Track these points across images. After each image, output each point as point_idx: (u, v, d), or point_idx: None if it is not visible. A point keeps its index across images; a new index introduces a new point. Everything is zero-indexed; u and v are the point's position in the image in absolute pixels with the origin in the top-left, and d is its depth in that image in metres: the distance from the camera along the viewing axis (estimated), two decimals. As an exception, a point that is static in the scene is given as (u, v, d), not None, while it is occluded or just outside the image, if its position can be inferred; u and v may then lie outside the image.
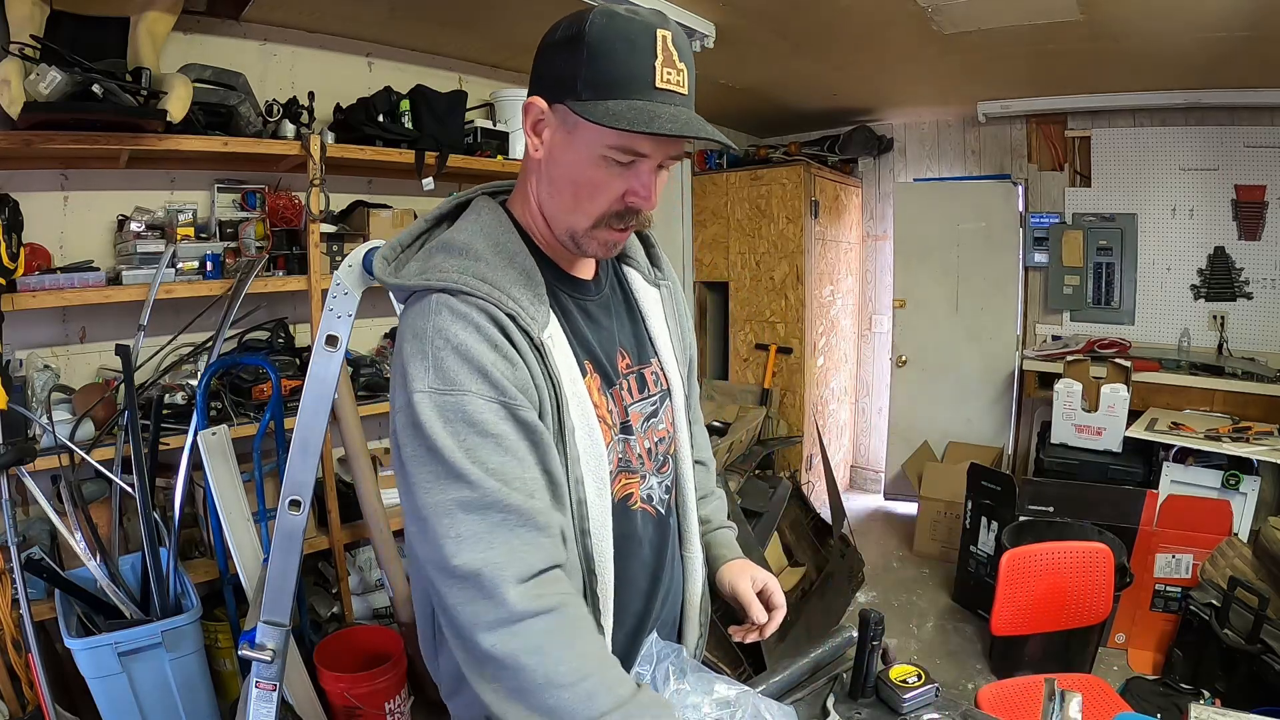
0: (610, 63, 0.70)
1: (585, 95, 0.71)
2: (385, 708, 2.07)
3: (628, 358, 0.90)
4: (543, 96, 0.76)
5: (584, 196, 0.77)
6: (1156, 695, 2.43)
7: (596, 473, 0.80)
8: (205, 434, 1.95)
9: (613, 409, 0.85)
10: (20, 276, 1.75)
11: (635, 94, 0.70)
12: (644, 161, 0.75)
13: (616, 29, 0.71)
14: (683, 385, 0.99)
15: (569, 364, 0.79)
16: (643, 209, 0.78)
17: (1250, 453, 2.64)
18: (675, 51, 0.73)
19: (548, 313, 0.78)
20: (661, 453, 0.94)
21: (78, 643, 1.64)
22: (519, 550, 0.69)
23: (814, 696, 1.07)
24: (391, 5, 2.33)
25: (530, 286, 0.78)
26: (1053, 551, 1.95)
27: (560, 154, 0.77)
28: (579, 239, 0.80)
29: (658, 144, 0.74)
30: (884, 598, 3.31)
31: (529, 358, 0.75)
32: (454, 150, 2.48)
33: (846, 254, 4.41)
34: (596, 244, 0.80)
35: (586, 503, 0.79)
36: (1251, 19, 2.33)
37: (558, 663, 0.67)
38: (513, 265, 0.79)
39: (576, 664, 0.68)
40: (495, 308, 0.74)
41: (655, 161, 0.76)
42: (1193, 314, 3.51)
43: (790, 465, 3.92)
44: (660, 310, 0.98)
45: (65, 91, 1.63)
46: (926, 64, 3.08)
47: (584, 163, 0.75)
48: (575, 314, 0.85)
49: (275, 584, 1.41)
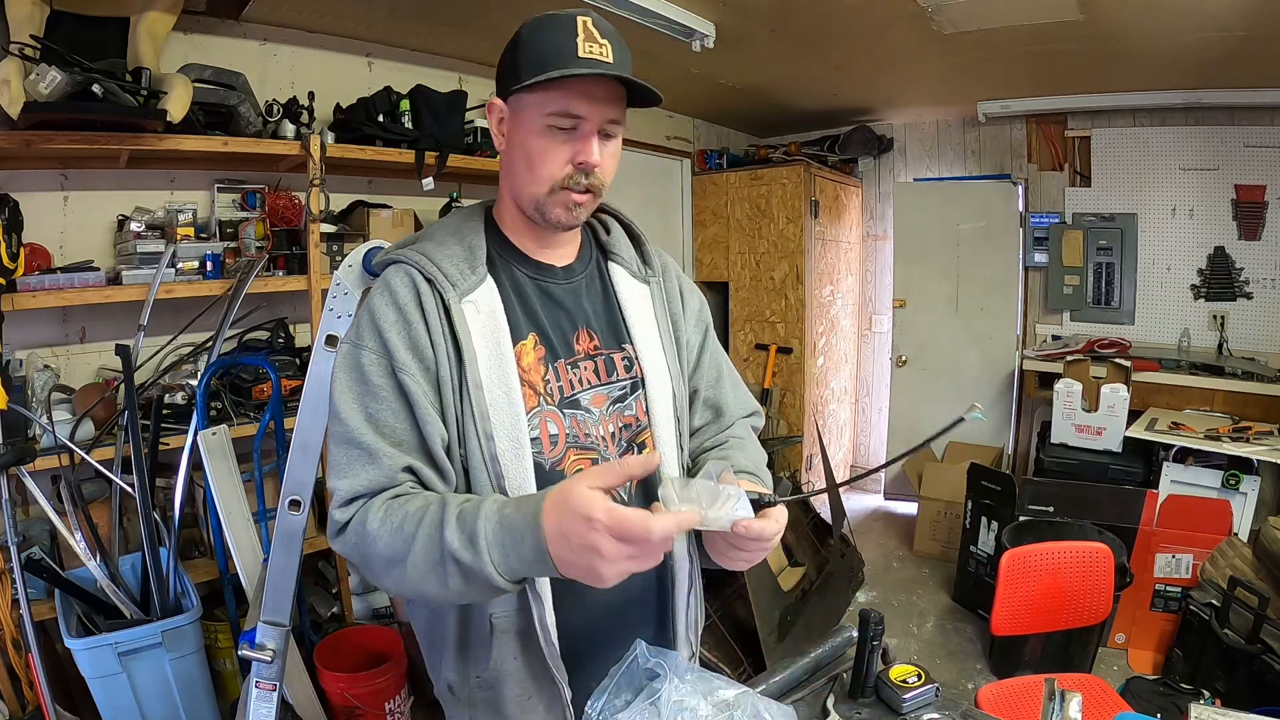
0: (539, 46, 0.82)
1: (524, 78, 0.82)
2: (385, 708, 2.07)
3: (595, 339, 0.95)
4: (499, 96, 0.89)
5: (536, 164, 0.86)
6: (1156, 695, 2.43)
7: (511, 432, 0.84)
8: (205, 434, 1.95)
9: (551, 379, 0.90)
10: (20, 276, 1.75)
11: (561, 65, 0.80)
12: (583, 124, 0.84)
13: (543, 22, 0.83)
14: (674, 379, 0.99)
15: (495, 326, 0.87)
16: (589, 168, 0.85)
17: (1250, 453, 2.64)
18: (596, 31, 0.82)
19: (480, 280, 0.88)
20: (627, 439, 0.95)
21: (78, 643, 1.64)
22: (362, 478, 0.81)
23: (814, 696, 1.07)
24: (391, 5, 2.33)
25: (467, 257, 0.89)
26: (1053, 551, 1.95)
27: (513, 135, 0.88)
28: (543, 207, 0.88)
29: (591, 105, 0.83)
30: (884, 598, 3.31)
31: (432, 319, 0.85)
32: (454, 150, 2.48)
33: (846, 254, 4.41)
34: (560, 208, 0.88)
35: (499, 459, 0.84)
36: (1251, 19, 2.33)
37: (382, 541, 0.77)
38: (460, 243, 0.90)
39: (389, 523, 0.77)
40: (419, 273, 0.86)
41: (594, 124, 0.84)
42: (1193, 314, 3.51)
43: (790, 465, 3.93)
44: (648, 305, 1.01)
45: (65, 91, 1.63)
46: (926, 64, 3.08)
47: (532, 134, 0.85)
48: (529, 291, 0.93)
49: (275, 584, 1.41)
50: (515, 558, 0.72)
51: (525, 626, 0.86)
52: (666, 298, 1.04)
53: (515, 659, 0.88)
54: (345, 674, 2.03)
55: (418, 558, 0.75)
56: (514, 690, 0.88)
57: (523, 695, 0.89)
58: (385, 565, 0.78)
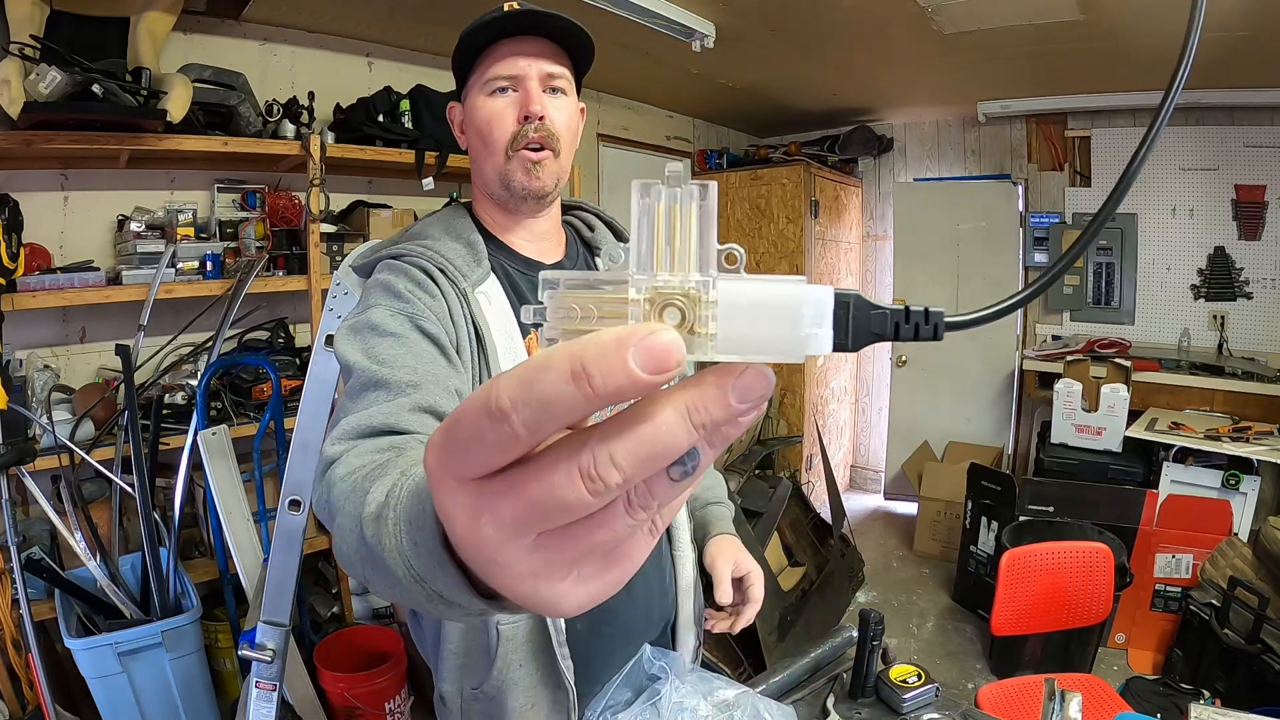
0: (468, 34, 0.85)
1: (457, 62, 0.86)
2: (385, 708, 2.07)
3: None
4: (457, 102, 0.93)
5: (488, 132, 0.86)
6: (1156, 695, 2.43)
7: None
8: (205, 434, 1.95)
9: None
10: (20, 276, 1.75)
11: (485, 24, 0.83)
12: (522, 81, 0.85)
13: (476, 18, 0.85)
14: None
15: (505, 319, 0.85)
16: (534, 117, 0.85)
17: (1250, 453, 2.64)
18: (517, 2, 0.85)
19: (486, 274, 0.87)
20: None
21: (78, 643, 1.64)
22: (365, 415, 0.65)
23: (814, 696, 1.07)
24: (391, 5, 2.33)
25: (470, 252, 0.87)
26: (1053, 551, 1.95)
27: (469, 121, 0.89)
28: (506, 177, 0.88)
29: (527, 61, 0.84)
30: (884, 598, 3.31)
31: (451, 298, 0.81)
32: (454, 150, 2.47)
33: (846, 254, 4.41)
34: (520, 172, 0.87)
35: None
36: (1251, 19, 2.33)
37: (340, 469, 0.58)
38: (458, 239, 0.88)
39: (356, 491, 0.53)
40: (427, 263, 0.83)
41: (533, 79, 0.85)
42: (1193, 314, 3.51)
43: (790, 465, 3.92)
44: None
45: (65, 91, 1.63)
46: (926, 64, 3.08)
47: (480, 107, 0.86)
48: (524, 286, 0.92)
49: (275, 584, 1.41)
50: (422, 544, 0.38)
51: (533, 631, 0.84)
52: None
53: (521, 667, 0.85)
54: (345, 674, 2.03)
55: (343, 528, 0.51)
56: (519, 700, 0.85)
57: (526, 704, 0.85)
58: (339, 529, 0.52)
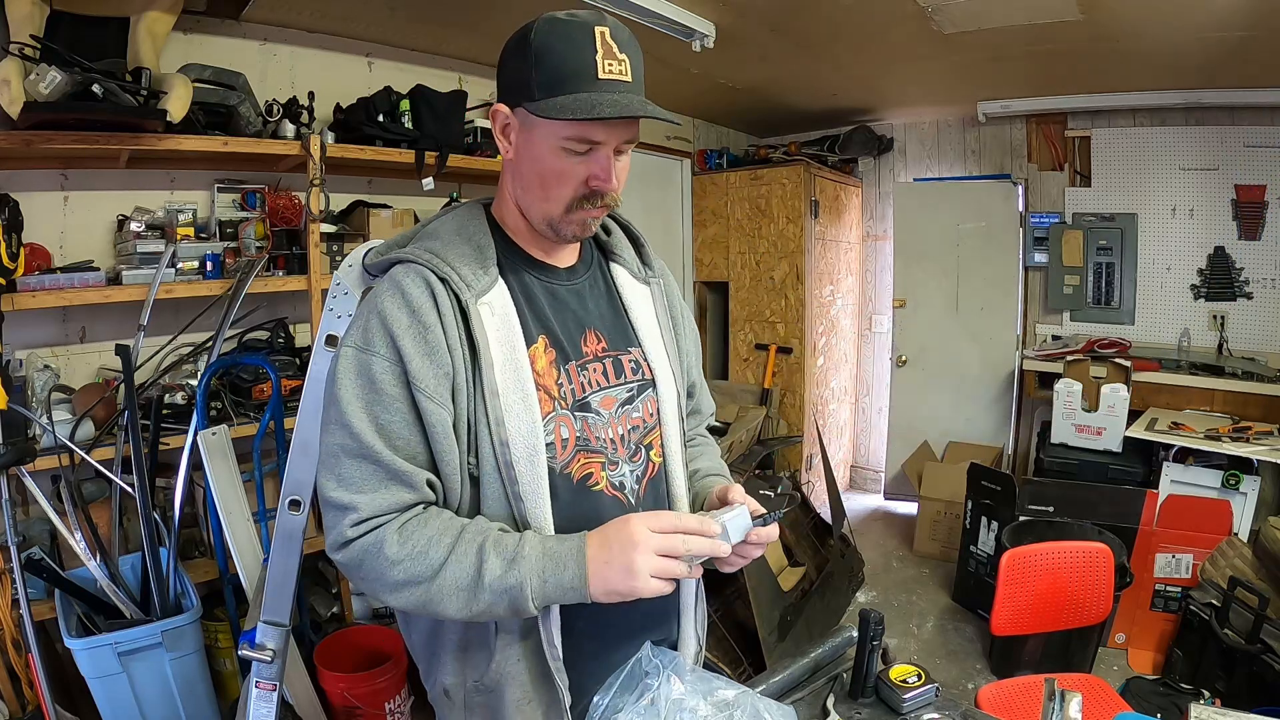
0: (555, 62, 0.78)
1: (538, 95, 0.79)
2: (385, 708, 2.07)
3: (602, 341, 0.94)
4: (505, 102, 0.85)
5: (551, 185, 0.84)
6: (1156, 695, 2.43)
7: (528, 439, 0.82)
8: (205, 434, 1.95)
9: (564, 383, 0.88)
10: (20, 276, 1.75)
11: (581, 87, 0.78)
12: (599, 148, 0.82)
13: (557, 31, 0.78)
14: (676, 380, 0.99)
15: (509, 329, 0.85)
16: (604, 190, 0.85)
17: (1250, 453, 2.64)
18: (615, 44, 0.79)
19: (493, 281, 0.86)
20: (635, 441, 0.94)
21: (78, 643, 1.64)
22: (380, 497, 0.80)
23: (814, 696, 1.07)
24: (391, 5, 2.33)
25: (478, 258, 0.86)
26: (1053, 551, 1.95)
27: (525, 151, 0.85)
28: (556, 225, 0.87)
29: (609, 130, 0.81)
30: (884, 598, 3.31)
31: (448, 321, 0.82)
32: (454, 150, 2.48)
33: (846, 254, 4.41)
34: (575, 226, 0.87)
35: (514, 466, 0.82)
36: (1251, 19, 2.33)
37: (399, 567, 0.79)
38: (468, 243, 0.87)
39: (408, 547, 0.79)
40: (431, 272, 0.83)
41: (610, 147, 0.83)
42: (1193, 314, 3.50)
43: (790, 465, 3.92)
44: (650, 306, 1.01)
45: (65, 91, 1.63)
46: (926, 64, 3.08)
47: (546, 156, 0.83)
48: (538, 292, 0.91)
49: (275, 584, 1.40)
50: (553, 584, 0.77)
51: (529, 628, 0.86)
52: (667, 298, 1.04)
53: (519, 661, 0.87)
54: (345, 674, 2.03)
55: (446, 582, 0.78)
56: (515, 693, 0.87)
57: (523, 699, 0.88)
58: (397, 585, 0.79)
